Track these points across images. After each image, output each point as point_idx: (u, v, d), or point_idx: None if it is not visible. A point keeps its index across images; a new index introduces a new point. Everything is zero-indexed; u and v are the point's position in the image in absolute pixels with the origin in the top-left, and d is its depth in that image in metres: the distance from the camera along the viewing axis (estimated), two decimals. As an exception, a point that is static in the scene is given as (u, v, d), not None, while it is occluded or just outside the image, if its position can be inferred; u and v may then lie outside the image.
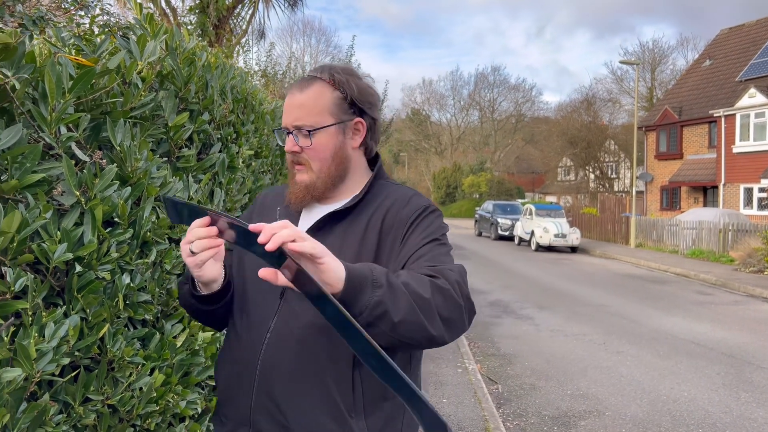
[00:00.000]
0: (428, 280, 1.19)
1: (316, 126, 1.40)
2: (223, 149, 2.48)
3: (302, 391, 1.29)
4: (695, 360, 6.74)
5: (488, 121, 56.98)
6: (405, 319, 1.12)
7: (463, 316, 1.21)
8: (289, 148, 1.42)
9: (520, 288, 12.10)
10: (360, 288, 1.10)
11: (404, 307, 1.12)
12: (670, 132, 28.13)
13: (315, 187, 1.43)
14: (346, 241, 1.38)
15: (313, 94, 1.42)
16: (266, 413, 1.32)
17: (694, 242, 19.12)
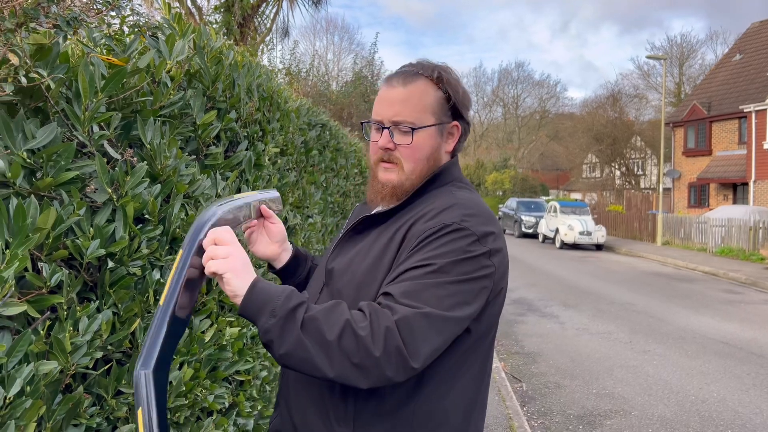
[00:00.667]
0: (344, 321, 1.14)
1: (418, 124, 1.34)
2: (250, 147, 2.51)
3: (303, 388, 1.36)
4: (724, 360, 6.62)
5: (512, 117, 56.60)
6: (290, 353, 1.13)
7: (378, 367, 1.12)
8: (384, 144, 1.35)
9: (545, 286, 12.00)
10: (257, 311, 1.15)
11: (291, 342, 1.13)
12: (698, 128, 27.61)
13: (402, 188, 1.37)
14: (373, 247, 1.35)
15: (418, 90, 1.35)
16: (284, 399, 1.43)
17: (723, 240, 18.77)
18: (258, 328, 1.16)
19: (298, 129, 3.39)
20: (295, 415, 1.37)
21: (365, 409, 1.27)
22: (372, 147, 1.39)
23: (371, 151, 1.40)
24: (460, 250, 1.23)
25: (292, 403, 1.38)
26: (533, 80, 57.20)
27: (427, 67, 1.39)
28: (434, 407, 1.28)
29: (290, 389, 1.40)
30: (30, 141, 1.28)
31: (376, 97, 1.40)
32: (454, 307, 1.20)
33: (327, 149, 4.29)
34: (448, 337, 1.21)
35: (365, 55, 16.00)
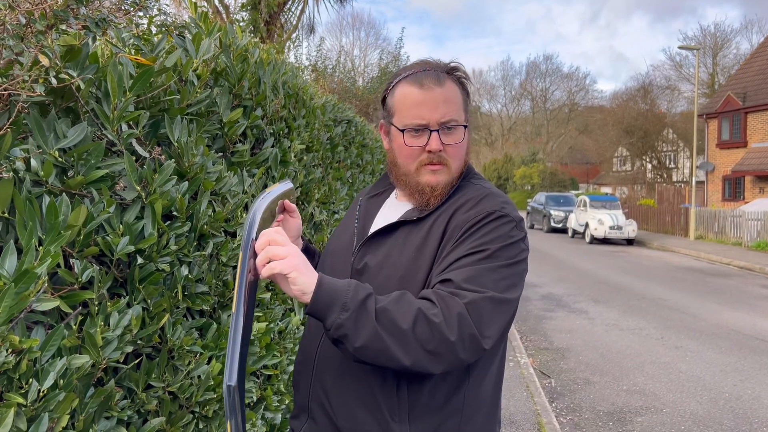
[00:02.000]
0: (416, 310, 1.16)
1: (462, 122, 1.36)
2: (276, 144, 2.53)
3: (348, 387, 1.32)
4: (760, 356, 6.47)
5: (540, 110, 55.97)
6: (366, 345, 1.14)
7: (454, 352, 1.16)
8: (437, 147, 1.33)
9: (574, 281, 11.86)
10: (328, 307, 1.14)
11: (367, 334, 1.13)
12: (733, 119, 26.92)
13: (450, 186, 1.38)
14: (408, 241, 1.35)
15: (452, 89, 1.36)
16: (319, 403, 1.37)
17: (759, 234, 18.29)
18: (328, 324, 1.15)
19: (323, 125, 3.41)
20: (340, 419, 1.33)
21: (419, 400, 1.29)
22: (410, 151, 1.35)
23: (407, 154, 1.36)
24: (506, 235, 1.29)
25: (335, 407, 1.34)
26: (562, 73, 56.40)
27: (444, 66, 1.40)
28: (478, 392, 1.35)
29: (329, 393, 1.35)
30: (61, 140, 1.31)
31: (405, 99, 1.36)
32: (509, 289, 1.26)
33: (353, 145, 4.30)
34: (508, 318, 1.27)
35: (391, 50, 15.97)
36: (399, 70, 1.44)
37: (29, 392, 1.10)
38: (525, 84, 56.36)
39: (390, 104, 1.40)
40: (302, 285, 1.15)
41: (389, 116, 1.40)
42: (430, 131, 1.33)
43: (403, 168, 1.38)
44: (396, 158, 1.39)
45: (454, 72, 1.39)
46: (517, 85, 57.26)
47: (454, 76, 1.39)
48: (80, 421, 1.25)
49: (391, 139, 1.41)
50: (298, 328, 2.66)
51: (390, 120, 1.39)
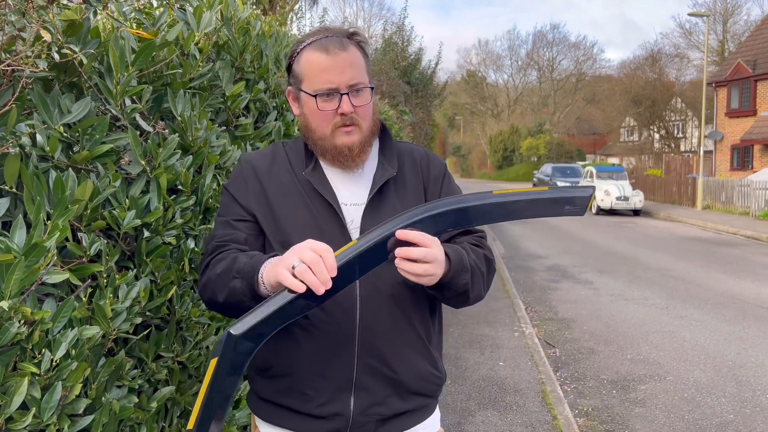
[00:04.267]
0: (482, 255, 1.43)
1: (368, 84, 1.40)
2: (279, 117, 2.53)
3: (399, 338, 1.40)
4: (764, 325, 6.50)
5: (547, 81, 55.35)
6: (476, 296, 1.40)
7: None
8: (348, 110, 1.35)
9: (580, 252, 11.88)
10: (458, 273, 1.31)
11: (478, 287, 1.39)
12: (742, 87, 26.56)
13: (367, 144, 1.43)
14: (402, 203, 1.42)
15: (356, 53, 1.40)
16: (372, 372, 1.37)
17: (767, 203, 18.20)
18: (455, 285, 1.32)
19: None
20: (401, 371, 1.39)
21: (435, 327, 1.51)
22: (323, 115, 1.37)
23: (321, 118, 1.37)
24: None
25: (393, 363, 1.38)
26: (569, 42, 55.60)
27: (343, 31, 1.43)
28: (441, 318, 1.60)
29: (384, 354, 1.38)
30: (66, 115, 1.32)
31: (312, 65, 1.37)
32: None
33: (357, 118, 4.30)
34: None
35: (395, 21, 15.77)
36: (301, 37, 1.45)
37: (42, 362, 1.13)
38: (532, 54, 55.67)
39: (297, 71, 1.41)
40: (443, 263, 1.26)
41: (297, 83, 1.41)
42: (341, 95, 1.35)
43: (318, 132, 1.39)
44: (309, 123, 1.40)
45: (354, 37, 1.43)
46: (523, 55, 56.62)
47: (354, 40, 1.42)
48: (93, 390, 1.28)
49: (302, 104, 1.41)
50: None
51: (299, 86, 1.40)
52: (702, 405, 4.39)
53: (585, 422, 4.13)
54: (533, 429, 3.78)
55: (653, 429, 4.01)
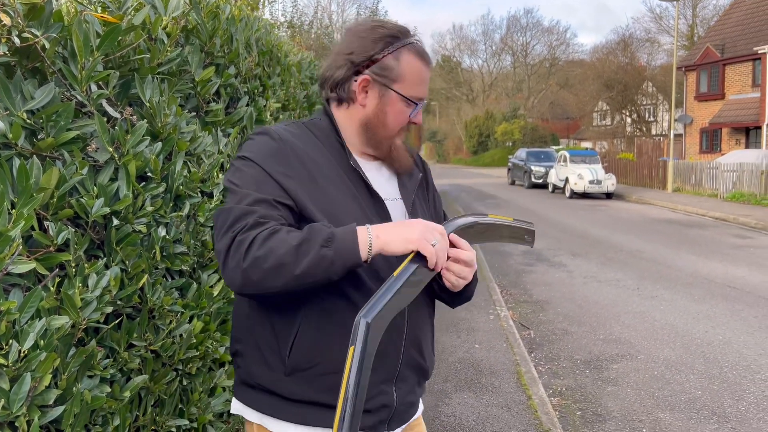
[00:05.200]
0: None
1: None
2: (251, 103, 2.51)
3: (428, 331, 1.48)
4: (731, 303, 6.68)
5: (521, 66, 55.61)
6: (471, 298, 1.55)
7: None
8: (420, 122, 1.45)
9: (554, 236, 12.04)
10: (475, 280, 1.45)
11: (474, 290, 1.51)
12: (711, 71, 27.01)
13: None
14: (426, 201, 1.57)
15: None
16: (411, 362, 1.40)
17: (734, 185, 18.62)
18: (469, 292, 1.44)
19: (300, 83, 3.37)
20: (427, 360, 1.46)
21: None
22: (404, 119, 1.39)
23: (401, 121, 1.39)
24: None
25: (425, 353, 1.45)
26: (543, 27, 56.04)
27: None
28: None
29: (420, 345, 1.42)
30: (29, 102, 1.29)
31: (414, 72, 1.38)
32: None
33: (330, 103, 4.27)
34: None
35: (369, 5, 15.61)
36: (395, 29, 1.39)
37: (10, 353, 1.11)
38: (506, 39, 55.84)
39: (395, 68, 1.36)
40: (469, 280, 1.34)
41: (390, 80, 1.36)
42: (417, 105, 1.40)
43: (390, 131, 1.39)
44: (387, 120, 1.38)
45: None
46: (497, 40, 56.84)
47: None
48: (63, 380, 1.27)
49: (384, 101, 1.37)
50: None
51: (390, 85, 1.36)
52: (671, 382, 4.51)
53: (559, 401, 4.21)
54: (508, 409, 3.85)
55: (625, 406, 4.11)
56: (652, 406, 4.10)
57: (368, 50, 1.35)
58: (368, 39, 1.36)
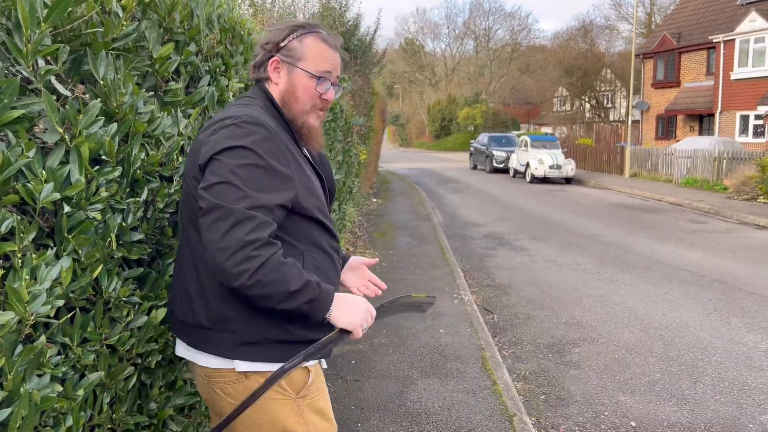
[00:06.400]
0: None
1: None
2: (213, 82, 2.39)
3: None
4: (688, 287, 6.86)
5: (483, 50, 55.80)
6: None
7: None
8: (332, 99, 1.68)
9: (515, 220, 12.16)
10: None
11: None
12: (667, 59, 27.60)
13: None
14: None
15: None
16: None
17: (688, 171, 19.14)
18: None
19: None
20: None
21: None
22: (314, 94, 1.63)
23: (311, 95, 1.63)
24: None
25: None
26: (505, 12, 56.35)
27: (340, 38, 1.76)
28: None
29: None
30: (-34, 77, 1.17)
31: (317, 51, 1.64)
32: None
33: (294, 84, 4.15)
34: None
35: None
36: (302, 21, 1.69)
37: (-52, 354, 1.01)
38: (468, 23, 55.89)
39: (298, 49, 1.63)
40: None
41: (295, 59, 1.63)
42: (331, 84, 1.65)
43: (300, 106, 1.63)
44: (297, 95, 1.63)
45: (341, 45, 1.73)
46: (460, 24, 56.93)
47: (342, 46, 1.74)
48: (9, 381, 1.17)
49: (292, 78, 1.63)
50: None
51: (295, 63, 1.63)
52: (632, 365, 4.59)
53: (523, 386, 4.24)
54: (474, 395, 3.85)
55: (587, 390, 4.17)
56: (614, 389, 4.17)
57: (277, 38, 1.66)
58: (278, 30, 1.67)
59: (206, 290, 1.49)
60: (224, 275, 1.34)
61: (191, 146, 1.59)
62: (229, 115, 1.51)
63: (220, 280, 1.38)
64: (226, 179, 1.39)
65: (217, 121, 1.52)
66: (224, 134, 1.45)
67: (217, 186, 1.39)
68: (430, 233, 9.99)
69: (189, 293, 1.53)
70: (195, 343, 1.54)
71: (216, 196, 1.37)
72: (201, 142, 1.51)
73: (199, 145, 1.50)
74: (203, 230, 1.38)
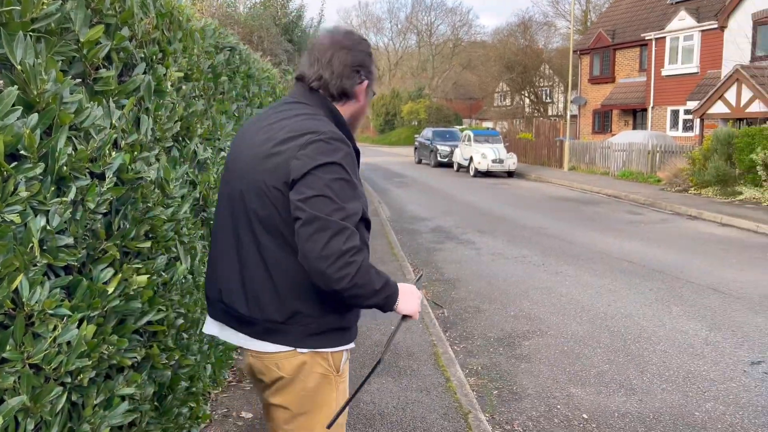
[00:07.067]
0: None
1: None
2: (149, 70, 2.20)
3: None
4: (629, 277, 7.03)
5: (426, 45, 56.17)
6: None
7: None
8: None
9: (461, 214, 12.24)
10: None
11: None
12: (603, 56, 28.45)
13: None
14: None
15: None
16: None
17: (624, 164, 19.78)
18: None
19: (203, 51, 3.06)
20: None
21: None
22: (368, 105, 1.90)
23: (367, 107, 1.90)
24: None
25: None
26: (446, 7, 56.79)
27: None
28: None
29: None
30: None
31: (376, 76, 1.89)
32: None
33: (237, 75, 3.96)
34: None
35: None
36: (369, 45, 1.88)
37: None
38: (411, 17, 56.10)
39: (374, 73, 1.86)
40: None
41: (373, 81, 1.85)
42: None
43: (362, 119, 1.92)
44: (365, 111, 1.89)
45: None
46: (403, 19, 57.01)
47: None
48: None
49: (369, 97, 1.87)
50: (185, 277, 2.43)
51: (373, 87, 1.86)
52: (581, 356, 4.64)
53: (476, 381, 4.21)
54: (428, 393, 3.79)
55: (539, 383, 4.17)
56: (565, 382, 4.19)
57: (367, 63, 1.82)
58: (365, 53, 1.82)
59: (279, 290, 1.64)
60: (325, 280, 1.51)
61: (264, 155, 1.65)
62: (312, 130, 1.62)
63: (320, 283, 1.53)
64: (322, 192, 1.53)
65: (297, 135, 1.62)
66: (315, 149, 1.58)
67: (314, 199, 1.53)
68: (378, 228, 9.91)
69: (256, 291, 1.66)
70: (262, 335, 1.68)
71: (314, 208, 1.52)
72: (283, 155, 1.60)
73: (283, 158, 1.60)
74: (303, 239, 1.52)
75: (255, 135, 1.72)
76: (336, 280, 1.51)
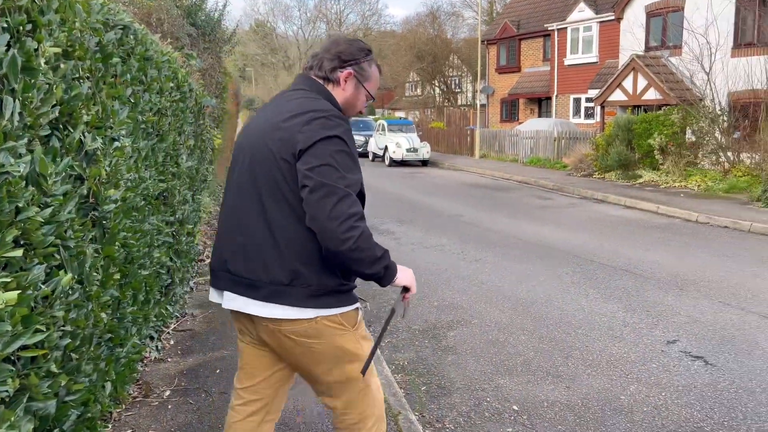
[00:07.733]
0: None
1: None
2: (15, 44, 1.83)
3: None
4: (546, 261, 7.13)
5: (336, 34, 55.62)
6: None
7: None
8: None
9: (378, 203, 12.11)
10: None
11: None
12: (509, 46, 29.22)
13: None
14: None
15: None
16: None
17: (532, 151, 20.41)
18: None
19: (89, 27, 2.67)
20: None
21: None
22: (360, 106, 2.11)
23: (361, 102, 2.10)
24: None
25: None
26: (355, -5, 56.33)
27: None
28: None
29: None
30: None
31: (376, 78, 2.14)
32: None
33: (132, 57, 3.54)
34: None
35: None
36: (367, 45, 2.11)
37: None
38: (320, 6, 55.47)
39: (369, 73, 2.09)
40: None
41: (363, 78, 2.06)
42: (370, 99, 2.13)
43: (353, 111, 2.10)
44: (356, 105, 2.09)
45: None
46: (312, 7, 56.26)
47: None
48: None
49: (357, 92, 2.06)
50: (72, 288, 2.07)
51: (364, 82, 2.06)
52: (506, 345, 4.59)
53: (403, 378, 4.05)
54: (354, 395, 3.57)
55: (467, 376, 4.07)
56: (492, 373, 4.11)
57: (357, 56, 2.04)
58: (354, 47, 2.06)
59: (284, 253, 1.81)
60: (333, 240, 1.71)
61: (272, 130, 1.87)
62: (315, 109, 1.86)
63: (328, 244, 1.72)
64: (327, 162, 1.74)
65: (301, 113, 1.84)
66: (319, 125, 1.79)
67: (321, 167, 1.73)
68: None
69: (263, 256, 1.83)
70: (270, 297, 1.83)
71: (320, 176, 1.72)
72: (289, 130, 1.82)
73: (289, 133, 1.81)
74: (311, 203, 1.72)
75: (264, 116, 1.96)
76: (342, 241, 1.70)
